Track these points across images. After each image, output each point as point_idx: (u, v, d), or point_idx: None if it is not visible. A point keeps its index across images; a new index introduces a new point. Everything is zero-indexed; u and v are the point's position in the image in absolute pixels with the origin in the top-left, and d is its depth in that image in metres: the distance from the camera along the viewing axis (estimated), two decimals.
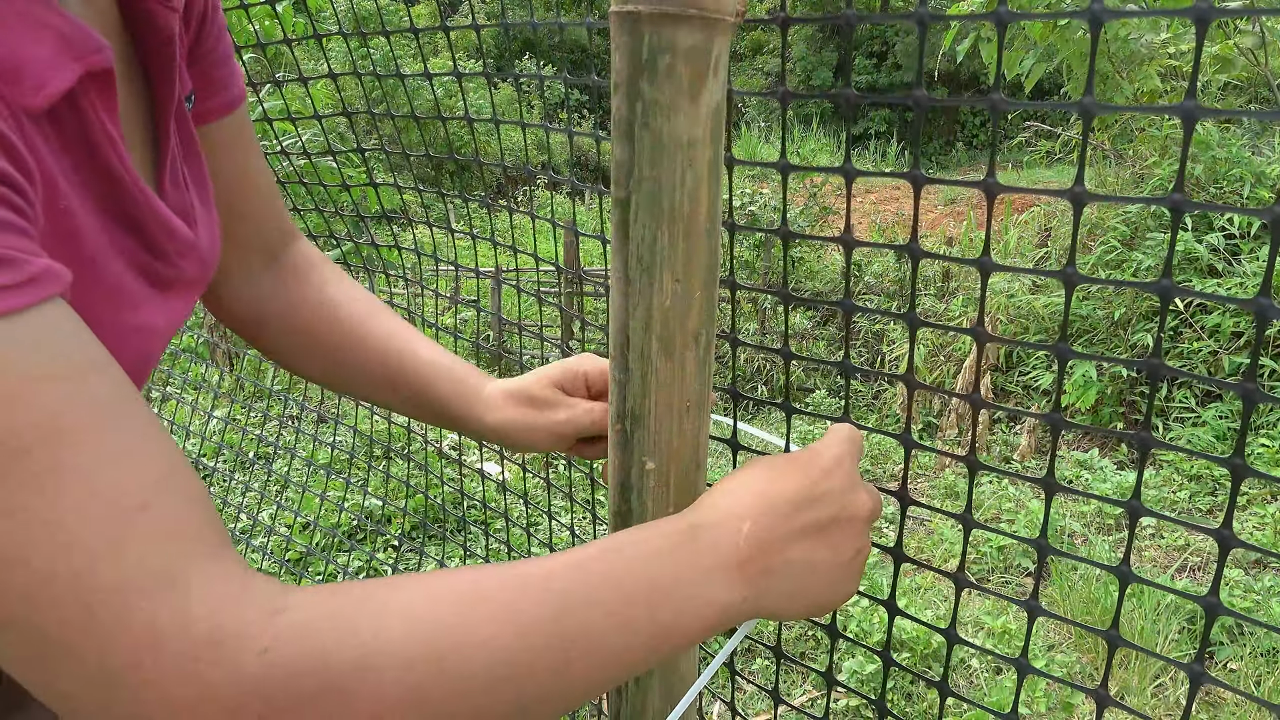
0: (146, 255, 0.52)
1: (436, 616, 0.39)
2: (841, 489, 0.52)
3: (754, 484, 0.52)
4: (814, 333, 6.99)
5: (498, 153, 1.34)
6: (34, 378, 0.34)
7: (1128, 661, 2.59)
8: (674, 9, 0.48)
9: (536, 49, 15.85)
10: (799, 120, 16.07)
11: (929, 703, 2.34)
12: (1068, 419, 0.50)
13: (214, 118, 0.67)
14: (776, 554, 0.49)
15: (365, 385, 0.74)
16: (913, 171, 0.54)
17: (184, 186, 0.58)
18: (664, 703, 0.65)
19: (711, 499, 0.52)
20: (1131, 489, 3.53)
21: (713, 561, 0.47)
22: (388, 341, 0.72)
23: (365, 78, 1.26)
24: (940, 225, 9.58)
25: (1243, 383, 0.44)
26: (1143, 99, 5.19)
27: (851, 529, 0.52)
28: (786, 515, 0.50)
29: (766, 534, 0.49)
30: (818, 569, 0.51)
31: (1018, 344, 0.52)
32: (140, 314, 0.50)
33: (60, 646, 0.34)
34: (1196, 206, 0.44)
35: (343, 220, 1.67)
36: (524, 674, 0.40)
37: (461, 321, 5.81)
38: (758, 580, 0.48)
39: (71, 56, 0.41)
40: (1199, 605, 0.49)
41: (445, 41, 7.87)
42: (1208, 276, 5.03)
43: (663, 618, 0.45)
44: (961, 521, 0.59)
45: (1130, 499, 0.51)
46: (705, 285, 0.55)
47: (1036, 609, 0.57)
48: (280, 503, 2.46)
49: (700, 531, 0.48)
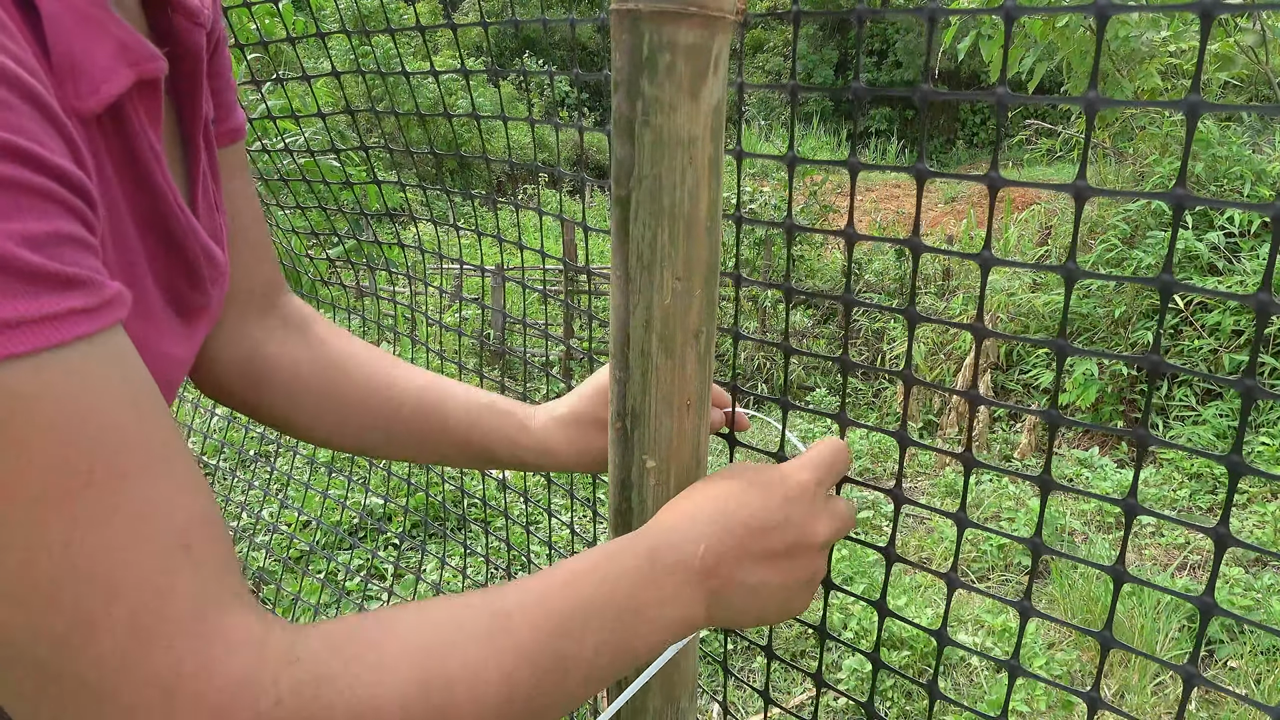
0: (183, 280, 0.49)
1: (428, 669, 0.40)
2: (802, 517, 0.52)
3: (715, 502, 0.52)
4: (814, 331, 7.00)
5: (498, 151, 1.34)
6: (103, 407, 0.34)
7: (1128, 660, 2.59)
8: (674, 7, 0.48)
9: (536, 46, 15.85)
10: (799, 118, 16.04)
11: (926, 702, 2.35)
12: (1067, 417, 0.50)
13: (222, 144, 0.66)
14: (729, 577, 0.50)
15: (401, 441, 0.69)
16: (917, 165, 0.54)
17: (216, 208, 0.56)
18: (664, 702, 0.66)
19: (671, 518, 0.52)
20: (1130, 487, 3.55)
21: (671, 588, 0.49)
22: (422, 394, 0.68)
23: (367, 75, 1.26)
24: (940, 224, 9.58)
25: (1242, 379, 0.44)
26: (1143, 97, 5.19)
27: (806, 556, 0.53)
28: (742, 540, 0.51)
29: (719, 559, 0.50)
30: (768, 591, 0.52)
31: (1018, 339, 0.52)
32: (166, 341, 0.48)
33: (83, 684, 0.33)
34: (1199, 202, 0.44)
35: (344, 217, 1.67)
36: (506, 709, 0.42)
37: (462, 319, 5.81)
38: (711, 599, 0.50)
39: (127, 62, 0.40)
40: (1196, 606, 0.49)
41: (446, 39, 7.93)
42: (1208, 274, 5.03)
43: (625, 640, 0.47)
44: (956, 521, 0.59)
45: (1127, 497, 0.51)
46: (706, 283, 0.55)
47: (1029, 610, 0.57)
48: (282, 500, 2.46)
49: (658, 556, 0.49)
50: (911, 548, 3.37)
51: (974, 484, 4.16)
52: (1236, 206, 0.40)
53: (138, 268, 0.45)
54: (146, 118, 0.44)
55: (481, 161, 1.12)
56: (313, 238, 1.88)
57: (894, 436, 0.62)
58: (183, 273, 0.49)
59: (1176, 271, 5.09)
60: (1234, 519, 3.62)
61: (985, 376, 4.87)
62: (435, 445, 0.69)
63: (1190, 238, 5.04)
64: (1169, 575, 3.13)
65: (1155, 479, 3.99)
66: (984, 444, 4.65)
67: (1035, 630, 2.74)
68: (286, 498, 2.47)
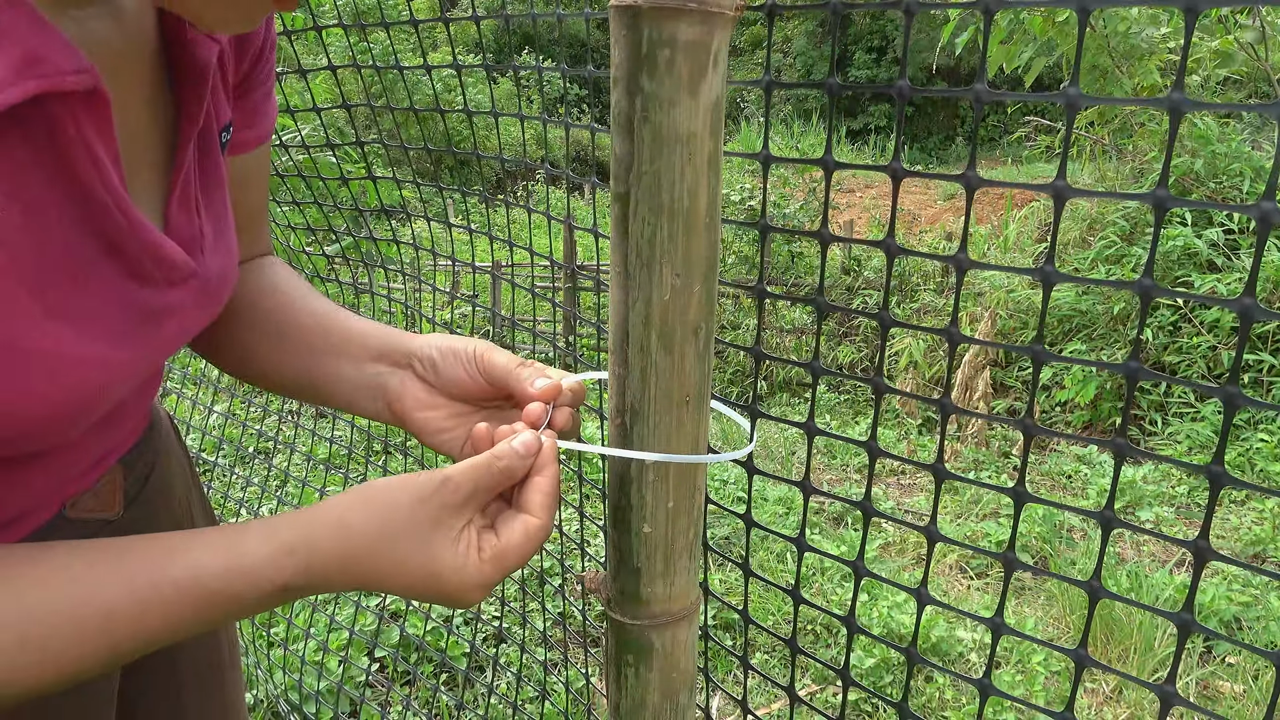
0: (130, 282, 0.51)
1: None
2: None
3: (357, 552, 0.50)
4: (813, 328, 6.99)
5: (496, 148, 1.34)
6: None
7: (1127, 655, 2.59)
8: (673, 3, 0.48)
9: (535, 44, 15.82)
10: (799, 115, 16.05)
11: (928, 696, 2.35)
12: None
13: (249, 148, 0.68)
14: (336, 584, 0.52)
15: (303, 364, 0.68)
16: (892, 164, 0.54)
17: (195, 213, 0.57)
18: (663, 697, 0.66)
19: (321, 557, 0.50)
20: (1129, 485, 3.51)
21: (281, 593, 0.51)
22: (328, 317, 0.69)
23: (365, 71, 1.25)
24: (941, 220, 9.56)
25: (1224, 386, 0.43)
26: (1142, 94, 5.18)
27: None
28: (355, 580, 0.51)
29: (326, 583, 0.51)
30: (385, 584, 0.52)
31: (991, 344, 0.52)
32: (99, 345, 0.49)
33: None
34: (1179, 203, 0.43)
35: (341, 215, 1.67)
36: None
37: (460, 316, 5.81)
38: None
39: (35, 74, 0.41)
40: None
41: (445, 35, 7.86)
42: (1207, 272, 5.03)
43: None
44: (925, 535, 0.59)
45: (1104, 509, 0.51)
46: (705, 279, 0.55)
47: (1001, 627, 0.57)
48: (280, 498, 2.46)
49: (290, 594, 0.50)
50: (911, 545, 3.37)
51: (973, 477, 4.16)
52: (1218, 208, 0.40)
53: (70, 267, 0.46)
54: (89, 125, 0.45)
55: (480, 159, 1.12)
56: (310, 234, 1.88)
57: (864, 447, 0.62)
58: (127, 274, 0.50)
59: (1176, 269, 5.09)
60: (1233, 515, 3.62)
61: (984, 373, 4.87)
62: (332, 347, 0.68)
63: (1189, 234, 5.03)
64: (1167, 571, 3.13)
65: (1154, 476, 3.99)
66: (984, 440, 4.65)
67: (1033, 626, 2.75)
68: (285, 495, 2.47)
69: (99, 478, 0.63)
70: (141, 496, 0.68)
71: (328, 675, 1.96)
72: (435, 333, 0.66)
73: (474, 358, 0.62)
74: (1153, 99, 0.42)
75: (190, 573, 0.48)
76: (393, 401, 0.64)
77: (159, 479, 0.71)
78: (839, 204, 8.14)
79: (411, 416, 0.63)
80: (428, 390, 0.64)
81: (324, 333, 0.67)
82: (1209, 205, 0.41)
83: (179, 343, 0.58)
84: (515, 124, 10.23)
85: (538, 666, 2.10)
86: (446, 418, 0.63)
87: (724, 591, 2.84)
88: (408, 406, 0.64)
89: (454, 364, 0.62)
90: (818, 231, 0.59)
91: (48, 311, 0.45)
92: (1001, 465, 4.44)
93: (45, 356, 0.45)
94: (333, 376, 0.67)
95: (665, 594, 0.62)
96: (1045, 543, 3.36)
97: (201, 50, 0.54)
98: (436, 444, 0.64)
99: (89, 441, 0.60)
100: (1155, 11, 5.01)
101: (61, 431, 0.50)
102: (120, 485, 0.65)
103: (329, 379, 0.67)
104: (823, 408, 5.65)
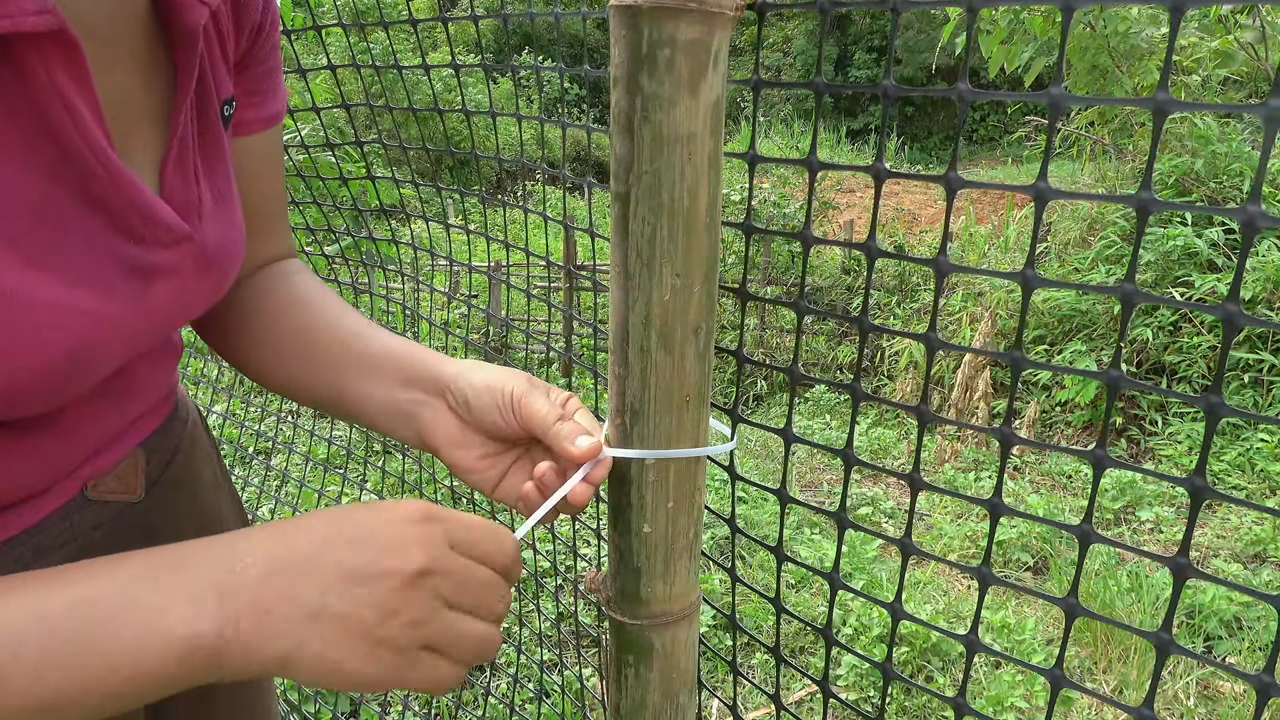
0: (117, 237, 0.51)
1: None
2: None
3: (301, 597, 0.45)
4: (813, 328, 6.99)
5: (495, 148, 1.34)
6: None
7: (1127, 655, 2.59)
8: (673, 2, 0.48)
9: (535, 43, 15.81)
10: (800, 115, 16.04)
11: (927, 697, 2.35)
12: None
13: (255, 129, 0.68)
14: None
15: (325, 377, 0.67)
16: (875, 165, 0.54)
17: (194, 179, 0.58)
18: (663, 697, 0.65)
19: (260, 598, 0.44)
20: (1129, 485, 3.50)
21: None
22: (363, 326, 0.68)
23: (364, 71, 1.25)
24: (939, 221, 9.56)
25: (1206, 395, 0.43)
26: (1143, 93, 5.18)
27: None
28: (286, 578, 0.47)
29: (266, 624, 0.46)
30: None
31: (969, 350, 0.52)
32: (78, 294, 0.48)
33: None
34: (1162, 205, 0.43)
35: (341, 215, 1.67)
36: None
37: (460, 316, 5.80)
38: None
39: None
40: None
41: (444, 36, 7.87)
42: (1207, 271, 5.02)
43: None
44: (900, 546, 0.59)
45: (1082, 523, 0.51)
46: (705, 279, 0.55)
47: (975, 644, 0.57)
48: (279, 498, 2.46)
49: (223, 651, 0.44)
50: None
51: (974, 480, 4.16)
52: (1202, 210, 0.40)
53: (47, 215, 0.46)
54: (66, 74, 0.45)
55: (480, 159, 1.12)
56: (310, 234, 1.88)
57: (840, 455, 0.62)
58: (113, 229, 0.50)
59: (1176, 269, 5.09)
60: (1233, 515, 3.62)
61: (985, 373, 4.87)
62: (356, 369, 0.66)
63: (1189, 234, 5.03)
64: (1168, 571, 3.13)
65: (1153, 476, 3.99)
66: (983, 440, 4.65)
67: (1035, 626, 2.75)
68: (284, 495, 2.47)
69: (119, 460, 0.63)
70: (163, 480, 0.68)
71: None
72: (470, 360, 0.64)
73: (511, 405, 0.60)
74: (1138, 99, 0.42)
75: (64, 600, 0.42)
76: (425, 435, 0.63)
77: (181, 467, 0.71)
78: (839, 204, 8.14)
79: (443, 453, 0.63)
80: (460, 426, 0.62)
81: (354, 355, 0.66)
82: (1192, 208, 0.41)
83: (179, 313, 0.58)
84: (514, 123, 10.22)
85: (535, 667, 2.10)
86: (480, 458, 0.62)
87: (724, 592, 2.84)
88: (440, 442, 0.63)
89: (489, 405, 0.60)
90: (800, 233, 0.59)
91: (28, 260, 0.45)
92: (952, 490, 4.44)
93: (30, 303, 0.45)
94: (362, 398, 0.65)
95: (665, 594, 0.62)
96: (1045, 543, 3.36)
97: (190, 14, 0.54)
98: (469, 481, 0.63)
99: (101, 411, 0.60)
100: (1155, 11, 5.01)
101: (58, 388, 0.49)
102: (141, 468, 0.65)
103: (358, 400, 0.66)
104: (823, 408, 5.65)
